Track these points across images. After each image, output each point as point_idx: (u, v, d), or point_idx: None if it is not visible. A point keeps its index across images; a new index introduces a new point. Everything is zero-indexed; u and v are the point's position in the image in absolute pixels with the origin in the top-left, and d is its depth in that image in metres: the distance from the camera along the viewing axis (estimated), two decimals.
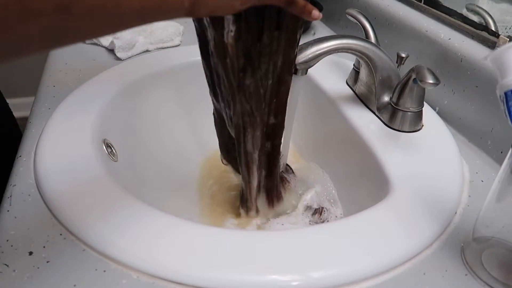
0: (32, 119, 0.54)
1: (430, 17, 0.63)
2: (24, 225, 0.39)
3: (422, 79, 0.47)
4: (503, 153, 0.50)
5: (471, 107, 0.55)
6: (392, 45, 0.67)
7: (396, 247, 0.38)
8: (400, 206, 0.42)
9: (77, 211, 0.39)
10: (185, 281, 0.34)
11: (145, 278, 0.35)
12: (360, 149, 0.53)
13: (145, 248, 0.36)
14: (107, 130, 0.53)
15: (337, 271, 0.36)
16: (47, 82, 0.62)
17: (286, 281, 0.35)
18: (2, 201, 0.42)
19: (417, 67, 0.49)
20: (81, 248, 0.37)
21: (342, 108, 0.59)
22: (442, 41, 0.58)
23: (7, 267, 0.35)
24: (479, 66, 0.53)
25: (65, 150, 0.47)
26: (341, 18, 0.84)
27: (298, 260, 0.36)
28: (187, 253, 0.36)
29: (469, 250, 0.39)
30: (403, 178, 0.46)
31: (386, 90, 0.55)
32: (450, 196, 0.44)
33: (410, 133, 0.54)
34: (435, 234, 0.40)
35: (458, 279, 0.37)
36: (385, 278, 0.37)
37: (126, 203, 0.41)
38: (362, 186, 0.53)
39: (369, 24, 0.59)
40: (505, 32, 0.53)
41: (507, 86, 0.31)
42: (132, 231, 0.38)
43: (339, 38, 0.51)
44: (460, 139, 0.56)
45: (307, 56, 0.49)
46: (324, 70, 0.67)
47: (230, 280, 0.35)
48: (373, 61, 0.53)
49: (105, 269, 0.36)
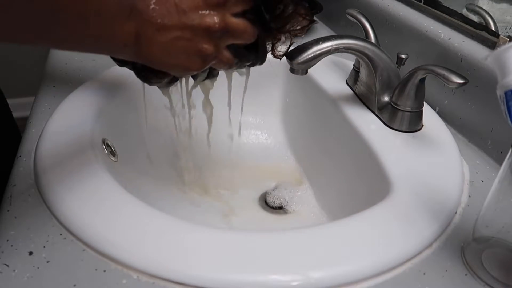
0: (32, 119, 0.54)
1: (430, 17, 0.63)
2: (24, 225, 0.39)
3: (449, 79, 0.46)
4: (503, 153, 0.50)
5: (471, 107, 0.55)
6: (392, 45, 0.67)
7: (396, 247, 0.38)
8: (400, 206, 0.42)
9: (77, 211, 0.39)
10: (185, 281, 0.34)
11: (145, 278, 0.35)
12: (360, 149, 0.53)
13: (145, 248, 0.36)
14: (107, 130, 0.53)
15: (337, 271, 0.36)
16: (47, 82, 0.62)
17: (286, 281, 0.35)
18: (2, 201, 0.42)
19: (431, 67, 0.48)
20: (81, 248, 0.37)
21: (342, 108, 0.59)
22: (442, 41, 0.58)
23: (7, 267, 0.35)
24: (479, 66, 0.53)
25: (65, 150, 0.47)
26: (341, 18, 0.84)
27: (298, 260, 0.36)
28: (187, 253, 0.36)
29: (469, 250, 0.39)
30: (403, 178, 0.46)
31: (386, 90, 0.55)
32: (450, 196, 0.44)
33: (410, 133, 0.54)
34: (435, 234, 0.40)
35: (458, 279, 0.37)
36: (385, 278, 0.37)
37: (126, 203, 0.41)
38: (362, 186, 0.53)
39: (369, 24, 0.59)
40: (505, 32, 0.53)
41: (507, 86, 0.31)
42: (132, 231, 0.38)
43: (339, 38, 0.51)
44: (460, 139, 0.56)
45: (307, 56, 0.49)
46: (324, 70, 0.67)
47: (230, 280, 0.35)
48: (373, 61, 0.53)
49: (105, 269, 0.36)
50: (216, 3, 0.34)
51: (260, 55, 0.41)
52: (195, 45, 0.34)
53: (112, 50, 0.34)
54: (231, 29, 0.35)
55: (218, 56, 0.36)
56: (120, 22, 0.31)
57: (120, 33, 0.32)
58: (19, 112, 0.76)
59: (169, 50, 0.33)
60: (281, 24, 0.39)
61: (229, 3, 0.35)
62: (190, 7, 0.33)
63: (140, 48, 0.33)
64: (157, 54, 0.34)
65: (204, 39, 0.34)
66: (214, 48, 0.35)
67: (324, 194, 0.62)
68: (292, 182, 0.66)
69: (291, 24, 0.40)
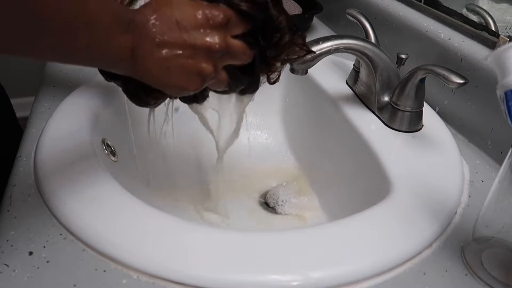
0: (32, 119, 0.54)
1: (430, 17, 0.63)
2: (24, 225, 0.39)
3: (449, 79, 0.46)
4: (503, 153, 0.50)
5: (471, 107, 0.55)
6: (392, 45, 0.67)
7: (396, 247, 0.38)
8: (400, 206, 0.42)
9: (77, 211, 0.39)
10: (185, 281, 0.34)
11: (145, 278, 0.35)
12: (360, 149, 0.53)
13: (145, 248, 0.36)
14: (107, 130, 0.53)
15: (337, 271, 0.36)
16: (47, 82, 0.62)
17: (286, 281, 0.35)
18: (2, 201, 0.42)
19: (431, 67, 0.48)
20: (81, 248, 0.37)
21: (342, 108, 0.59)
22: (442, 41, 0.58)
23: (7, 267, 0.35)
24: (479, 66, 0.53)
25: (65, 150, 0.47)
26: (341, 18, 0.84)
27: (298, 260, 0.36)
28: (188, 253, 0.36)
29: (469, 250, 0.39)
30: (403, 178, 0.46)
31: (386, 90, 0.55)
32: (450, 196, 0.44)
33: (410, 133, 0.54)
34: (435, 234, 0.40)
35: (458, 279, 0.37)
36: (385, 278, 0.37)
37: (126, 203, 0.41)
38: (362, 186, 0.53)
39: (369, 24, 0.59)
40: (505, 32, 0.53)
41: (507, 86, 0.31)
42: (132, 231, 0.38)
43: (339, 38, 0.51)
44: (460, 139, 0.56)
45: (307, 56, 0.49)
46: (324, 70, 0.67)
47: (230, 280, 0.35)
48: (373, 61, 0.53)
49: (105, 269, 0.36)
50: (218, 24, 0.34)
51: (254, 79, 0.40)
52: (195, 64, 0.33)
53: (107, 63, 0.33)
54: (231, 50, 0.35)
55: (216, 76, 0.36)
56: (115, 35, 0.30)
57: (115, 46, 0.31)
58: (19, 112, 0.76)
59: (168, 67, 0.33)
60: (277, 53, 0.39)
61: (231, 24, 0.35)
62: (192, 25, 0.33)
63: (137, 64, 0.32)
64: (155, 71, 0.33)
65: (204, 59, 0.34)
66: (213, 68, 0.35)
67: (324, 194, 0.62)
68: (292, 182, 0.66)
69: (287, 53, 0.40)
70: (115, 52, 0.31)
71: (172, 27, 0.32)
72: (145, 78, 0.34)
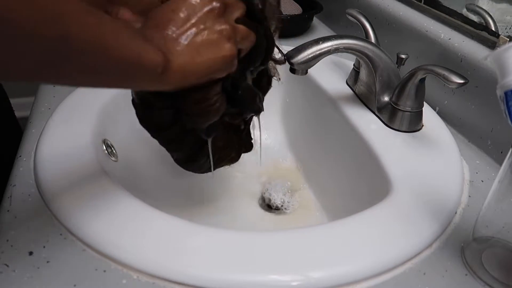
0: (32, 119, 0.54)
1: (430, 17, 0.63)
2: (24, 225, 0.39)
3: (449, 79, 0.46)
4: (503, 153, 0.50)
5: (471, 107, 0.55)
6: (392, 45, 0.67)
7: (396, 247, 0.38)
8: (400, 206, 0.42)
9: (77, 211, 0.39)
10: (185, 281, 0.34)
11: (145, 278, 0.35)
12: (360, 149, 0.53)
13: (145, 248, 0.36)
14: (107, 130, 0.53)
15: (337, 271, 0.36)
16: None
17: (286, 281, 0.35)
18: (2, 201, 0.42)
19: (431, 67, 0.48)
20: (81, 248, 0.37)
21: (342, 108, 0.59)
22: (442, 41, 0.58)
23: (7, 267, 0.35)
24: (479, 66, 0.53)
25: (65, 150, 0.47)
26: (341, 18, 0.84)
27: (298, 260, 0.36)
28: (187, 253, 0.36)
29: (469, 250, 0.39)
30: (403, 178, 0.46)
31: (386, 90, 0.55)
32: (450, 196, 0.44)
33: (410, 133, 0.54)
34: (435, 234, 0.40)
35: (458, 279, 0.37)
36: (385, 278, 0.37)
37: (126, 203, 0.41)
38: (362, 186, 0.53)
39: (369, 24, 0.59)
40: (505, 32, 0.53)
41: (507, 86, 0.31)
42: (132, 231, 0.38)
43: (339, 38, 0.51)
44: (460, 139, 0.56)
45: (307, 56, 0.49)
46: (324, 70, 0.67)
47: (230, 280, 0.35)
48: (373, 61, 0.53)
49: (105, 269, 0.36)
50: None
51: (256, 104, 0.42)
52: (212, 31, 0.34)
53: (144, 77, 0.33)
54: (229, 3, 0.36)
55: (236, 30, 0.36)
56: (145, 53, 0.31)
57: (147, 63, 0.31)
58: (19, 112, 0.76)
59: (197, 48, 0.33)
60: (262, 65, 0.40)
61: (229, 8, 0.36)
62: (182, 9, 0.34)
63: (171, 65, 0.32)
64: (189, 59, 0.33)
65: (215, 22, 0.34)
66: (228, 25, 0.35)
67: (324, 194, 0.62)
68: (292, 182, 0.66)
69: None
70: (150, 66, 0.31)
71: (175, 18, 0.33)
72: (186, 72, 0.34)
